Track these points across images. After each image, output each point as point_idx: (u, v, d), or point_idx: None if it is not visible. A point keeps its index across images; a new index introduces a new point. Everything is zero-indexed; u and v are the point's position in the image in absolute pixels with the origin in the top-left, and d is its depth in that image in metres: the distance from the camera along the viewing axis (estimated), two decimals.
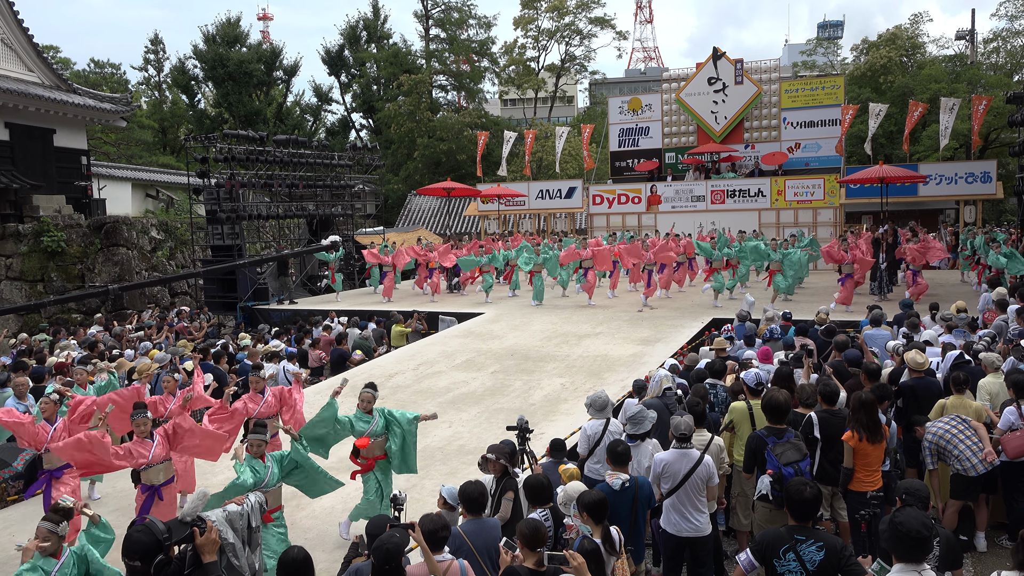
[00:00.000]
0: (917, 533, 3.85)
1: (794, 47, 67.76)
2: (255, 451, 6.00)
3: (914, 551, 3.86)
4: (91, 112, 27.03)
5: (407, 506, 5.56)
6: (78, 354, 13.46)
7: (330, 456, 7.67)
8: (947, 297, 15.23)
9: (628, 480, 5.51)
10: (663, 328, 15.19)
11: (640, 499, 5.56)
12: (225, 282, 22.01)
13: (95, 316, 20.27)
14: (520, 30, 49.25)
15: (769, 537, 4.50)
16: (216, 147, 22.36)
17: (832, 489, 6.49)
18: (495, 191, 26.51)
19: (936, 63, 40.75)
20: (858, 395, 6.26)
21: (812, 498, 4.48)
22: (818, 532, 4.45)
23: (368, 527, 4.86)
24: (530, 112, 54.90)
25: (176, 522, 4.16)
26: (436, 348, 14.74)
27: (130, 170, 34.17)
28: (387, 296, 20.31)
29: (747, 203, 25.60)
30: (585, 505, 4.78)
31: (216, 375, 11.53)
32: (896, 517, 3.97)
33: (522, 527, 4.36)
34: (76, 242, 24.46)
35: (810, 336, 10.47)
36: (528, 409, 10.54)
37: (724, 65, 27.17)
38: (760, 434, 6.19)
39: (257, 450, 6.01)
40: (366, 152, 28.20)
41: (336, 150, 28.12)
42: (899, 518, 3.95)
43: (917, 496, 4.76)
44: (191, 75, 49.80)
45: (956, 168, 23.95)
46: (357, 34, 52.37)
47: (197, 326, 17.42)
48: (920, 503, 4.69)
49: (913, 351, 7.82)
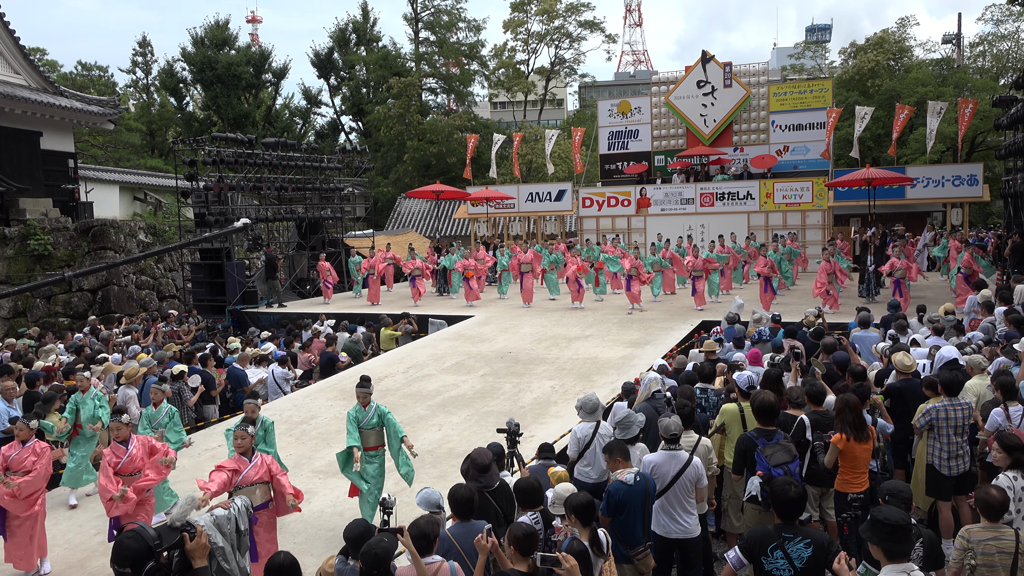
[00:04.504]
0: (901, 521, 3.94)
1: (782, 50, 68.17)
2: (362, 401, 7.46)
3: (899, 542, 3.93)
4: (78, 115, 26.86)
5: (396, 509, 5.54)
6: (66, 358, 13.38)
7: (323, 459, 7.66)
8: (935, 299, 15.33)
9: (638, 473, 5.55)
10: (652, 330, 15.24)
11: (650, 493, 5.60)
12: (213, 285, 21.92)
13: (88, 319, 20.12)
14: (510, 33, 49.34)
15: (757, 535, 4.54)
16: (204, 150, 22.23)
17: (821, 490, 6.53)
18: (484, 194, 26.52)
19: (923, 67, 41.07)
20: (843, 396, 6.34)
21: (797, 497, 4.52)
22: (806, 529, 4.49)
23: (346, 531, 4.85)
24: (520, 115, 54.94)
25: (166, 528, 4.14)
26: (426, 351, 14.73)
27: (118, 173, 33.98)
28: (372, 301, 20.26)
29: (736, 206, 25.71)
30: (573, 507, 4.78)
31: (204, 378, 11.51)
32: (876, 514, 4.06)
33: (515, 531, 4.33)
34: (63, 245, 24.30)
35: (799, 338, 10.52)
36: (518, 412, 10.56)
37: (713, 68, 27.29)
38: (750, 436, 6.23)
39: (364, 400, 7.46)
40: (355, 155, 28.07)
41: (325, 153, 28.00)
42: (880, 514, 4.05)
43: (899, 497, 4.83)
44: (179, 78, 49.60)
45: (943, 171, 24.12)
46: (346, 37, 52.29)
47: (185, 330, 17.34)
48: (903, 504, 4.75)
49: (900, 353, 7.88)
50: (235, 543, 5.36)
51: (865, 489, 6.25)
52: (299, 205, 25.32)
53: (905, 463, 7.68)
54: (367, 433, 7.47)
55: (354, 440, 7.34)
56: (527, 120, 54.18)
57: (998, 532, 4.73)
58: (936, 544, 4.72)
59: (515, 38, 49.53)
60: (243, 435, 6.37)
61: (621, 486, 5.46)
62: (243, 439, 6.37)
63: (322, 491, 8.32)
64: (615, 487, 5.50)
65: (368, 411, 7.47)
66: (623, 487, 5.45)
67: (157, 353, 12.78)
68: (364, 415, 7.46)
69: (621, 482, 5.48)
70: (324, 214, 26.01)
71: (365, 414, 7.47)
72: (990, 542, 4.70)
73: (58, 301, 23.57)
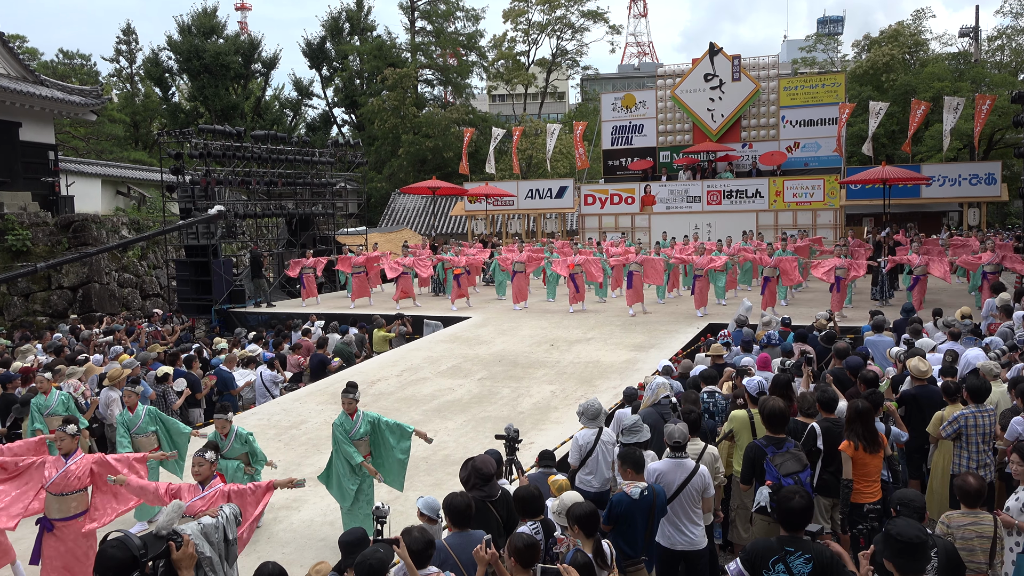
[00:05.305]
0: (916, 538, 3.96)
1: (793, 43, 68.21)
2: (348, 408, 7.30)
3: (913, 559, 3.94)
4: (59, 105, 26.82)
5: (390, 519, 5.54)
6: (45, 359, 13.36)
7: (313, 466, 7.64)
8: (951, 303, 15.34)
9: (647, 488, 5.54)
10: (657, 333, 15.24)
11: (657, 507, 5.59)
12: (199, 284, 21.91)
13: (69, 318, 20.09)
14: (510, 23, 49.35)
15: (760, 547, 4.56)
16: (191, 142, 22.21)
17: (833, 501, 6.53)
18: (482, 190, 26.53)
19: (939, 61, 41.15)
20: (854, 404, 6.34)
21: (801, 508, 4.53)
22: (808, 544, 4.49)
23: (342, 539, 4.84)
24: (519, 108, 54.98)
25: (151, 536, 4.13)
26: (421, 354, 14.72)
27: (100, 166, 33.91)
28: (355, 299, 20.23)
29: (744, 204, 25.75)
30: (576, 518, 4.77)
31: (189, 380, 11.50)
32: (890, 528, 4.06)
33: (516, 542, 4.32)
34: (42, 241, 24.26)
35: (809, 342, 10.53)
36: (517, 417, 10.54)
37: (721, 61, 27.32)
38: (759, 444, 6.22)
39: (350, 407, 7.29)
40: (348, 149, 28.07)
41: (317, 146, 27.97)
42: (894, 529, 4.06)
43: (912, 507, 4.85)
44: (165, 67, 49.51)
45: (960, 169, 24.17)
46: (339, 26, 52.27)
47: (170, 330, 17.32)
48: (915, 514, 4.76)
49: (916, 358, 7.89)
50: (223, 553, 5.33)
51: (879, 499, 6.26)
52: (289, 201, 25.31)
53: (920, 473, 7.68)
54: (356, 444, 7.28)
55: (356, 453, 7.18)
56: (527, 114, 54.20)
57: (977, 518, 5.17)
58: (954, 554, 4.73)
59: (515, 28, 49.58)
60: (200, 462, 5.86)
61: (625, 498, 5.46)
62: (200, 466, 5.84)
63: (312, 499, 8.31)
64: (618, 498, 5.51)
65: (356, 420, 7.28)
66: (626, 499, 5.45)
67: (140, 354, 12.76)
68: (352, 425, 7.27)
69: (625, 494, 5.48)
70: (315, 210, 26.00)
71: (353, 424, 7.27)
72: (969, 527, 5.15)
73: (36, 299, 23.53)
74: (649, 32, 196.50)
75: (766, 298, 16.43)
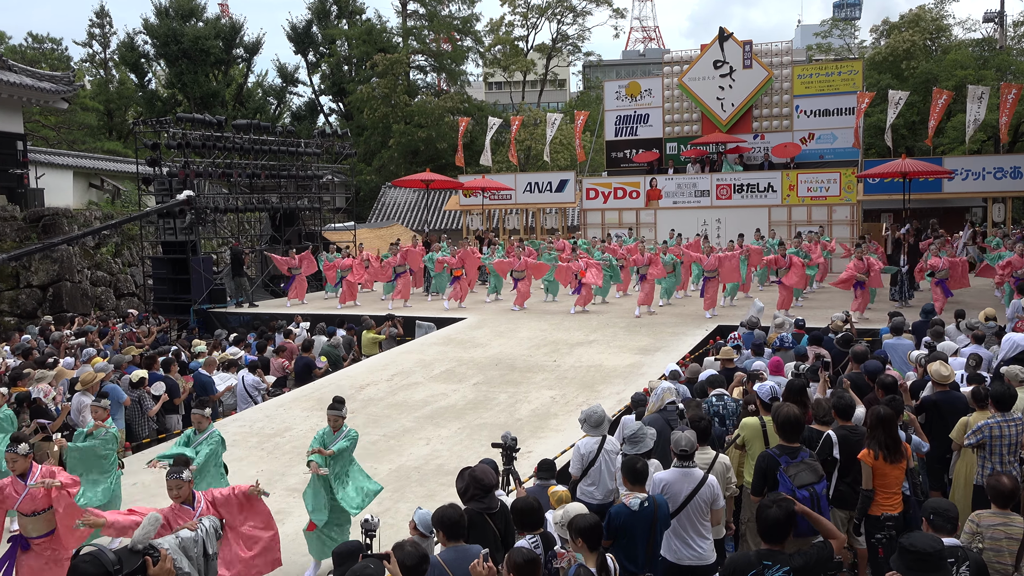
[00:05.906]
0: (930, 549, 3.99)
1: (807, 28, 68.35)
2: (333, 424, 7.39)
3: (928, 572, 3.98)
4: (28, 92, 26.75)
5: (380, 532, 5.53)
6: (13, 361, 13.33)
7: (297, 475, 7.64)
8: (974, 304, 15.36)
9: (647, 499, 5.53)
10: (663, 336, 15.25)
11: (659, 519, 5.58)
12: (177, 283, 21.87)
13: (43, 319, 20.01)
14: (507, 6, 49.34)
15: (738, 561, 4.70)
16: (168, 132, 22.16)
17: (849, 514, 6.53)
18: (479, 183, 26.52)
19: (962, 47, 41.14)
20: (876, 410, 6.31)
21: (777, 519, 4.62)
22: (787, 557, 4.58)
23: (336, 550, 4.83)
24: (517, 97, 54.96)
25: (126, 551, 4.12)
26: (412, 357, 14.72)
27: (72, 157, 33.84)
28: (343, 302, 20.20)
29: (756, 199, 25.73)
30: (580, 530, 4.76)
31: (168, 385, 11.48)
32: (905, 541, 4.13)
33: (515, 557, 4.32)
34: (10, 236, 24.20)
35: (824, 346, 10.54)
36: (514, 424, 10.55)
37: (731, 47, 27.32)
38: (772, 453, 6.20)
39: (335, 424, 7.38)
40: (336, 139, 28.06)
41: (302, 137, 27.97)
42: (907, 540, 4.14)
43: (946, 516, 4.89)
44: (141, 52, 49.43)
45: (984, 162, 24.19)
46: (326, 8, 52.23)
47: (145, 331, 17.29)
48: (949, 523, 4.81)
49: (937, 363, 7.89)
50: (202, 568, 5.34)
51: (899, 512, 6.27)
52: (273, 194, 25.28)
53: (941, 483, 7.69)
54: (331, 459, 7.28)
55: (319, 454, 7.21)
56: (526, 103, 54.19)
57: (1007, 519, 5.27)
58: (984, 568, 4.75)
59: (513, 11, 49.56)
60: (178, 484, 5.81)
61: (623, 510, 5.46)
62: (179, 488, 5.80)
63: (297, 511, 8.30)
64: (616, 510, 5.51)
65: (338, 437, 7.32)
66: (624, 511, 5.45)
67: (115, 357, 12.75)
68: (332, 440, 7.31)
69: (624, 506, 5.49)
70: (301, 204, 25.98)
71: (334, 439, 7.30)
72: (999, 527, 5.24)
73: (4, 298, 23.48)
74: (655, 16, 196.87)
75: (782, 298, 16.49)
